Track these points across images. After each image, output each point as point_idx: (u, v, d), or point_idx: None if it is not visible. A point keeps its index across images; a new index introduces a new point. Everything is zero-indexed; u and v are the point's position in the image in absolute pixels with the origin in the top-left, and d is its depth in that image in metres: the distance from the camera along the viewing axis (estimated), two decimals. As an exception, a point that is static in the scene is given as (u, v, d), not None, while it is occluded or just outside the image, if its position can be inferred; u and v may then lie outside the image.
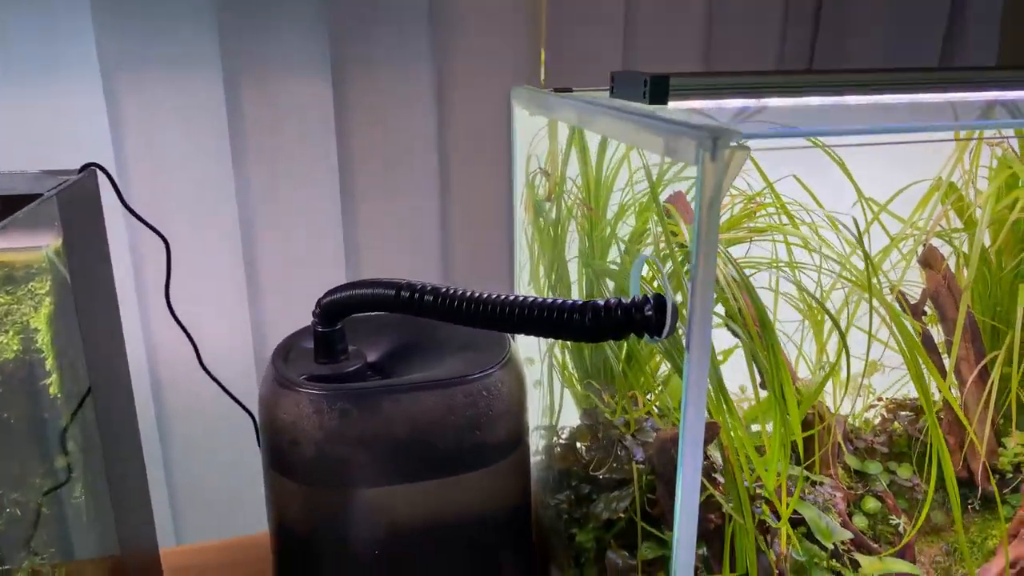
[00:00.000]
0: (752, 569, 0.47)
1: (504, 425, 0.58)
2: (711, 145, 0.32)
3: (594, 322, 0.41)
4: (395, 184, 0.98)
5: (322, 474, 0.54)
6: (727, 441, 0.45)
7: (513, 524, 0.62)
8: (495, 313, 0.45)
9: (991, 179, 0.70)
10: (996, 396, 0.78)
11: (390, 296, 0.52)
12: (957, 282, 0.72)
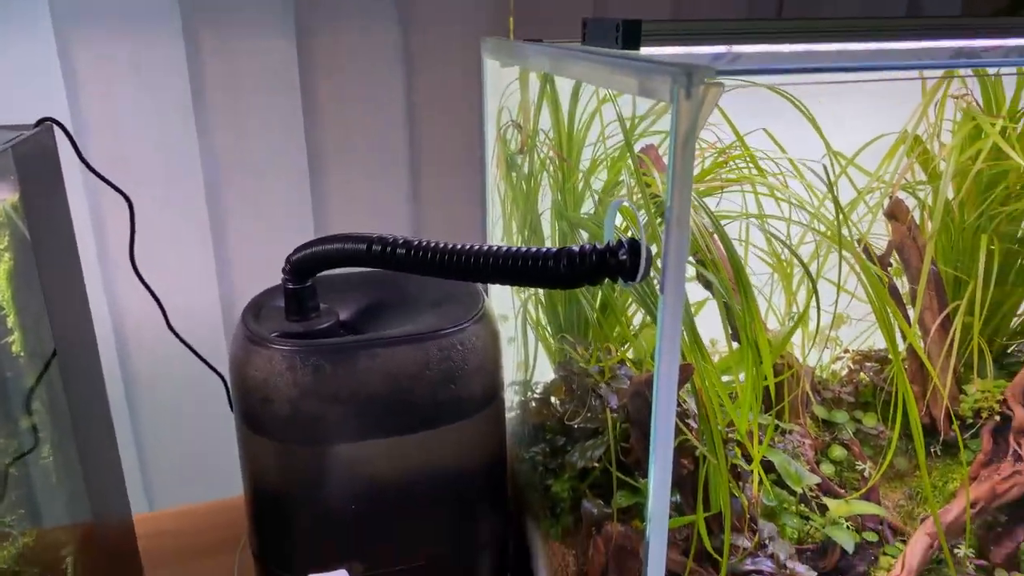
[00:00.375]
0: (725, 510, 0.47)
1: (479, 379, 0.58)
2: (686, 81, 0.32)
3: (569, 268, 0.41)
4: (364, 141, 0.96)
5: (296, 431, 0.54)
6: (700, 384, 0.46)
7: (489, 477, 0.62)
8: (469, 263, 0.45)
9: (955, 132, 0.71)
10: (958, 345, 0.81)
11: (362, 250, 0.51)
12: (922, 234, 0.73)
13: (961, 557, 0.64)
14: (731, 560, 0.53)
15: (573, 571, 0.62)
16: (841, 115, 0.74)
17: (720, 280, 0.46)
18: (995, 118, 0.69)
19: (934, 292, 0.74)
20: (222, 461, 0.82)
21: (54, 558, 0.52)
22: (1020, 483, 0.70)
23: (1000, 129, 0.71)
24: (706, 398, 0.45)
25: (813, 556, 0.60)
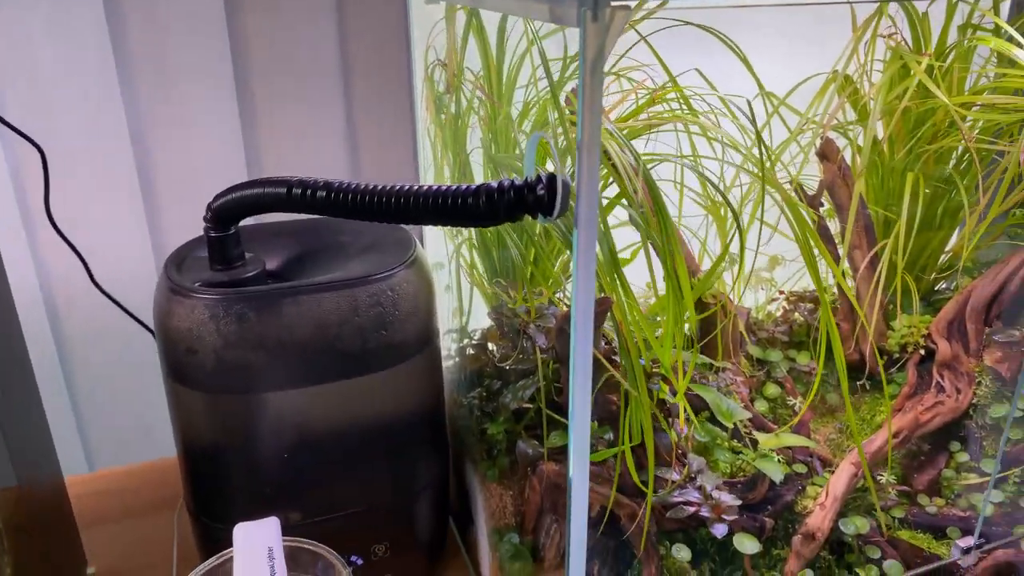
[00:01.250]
0: (649, 443, 0.48)
1: (412, 325, 0.57)
2: (592, 3, 0.31)
3: (488, 205, 0.40)
4: (295, 86, 0.93)
5: (223, 381, 0.53)
6: (620, 316, 0.46)
7: (426, 422, 0.62)
8: (390, 204, 0.44)
9: (884, 70, 0.72)
10: (885, 282, 0.83)
11: (282, 194, 0.50)
12: (852, 173, 0.75)
13: (883, 484, 0.67)
14: (660, 492, 0.54)
15: (510, 511, 0.63)
16: (772, 55, 0.74)
17: (640, 216, 0.46)
18: (921, 56, 0.70)
19: (863, 231, 0.75)
20: (161, 419, 0.81)
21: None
22: (942, 413, 0.72)
23: (927, 67, 0.72)
24: (627, 331, 0.46)
25: (743, 488, 0.62)
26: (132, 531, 0.73)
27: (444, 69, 0.58)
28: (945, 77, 0.72)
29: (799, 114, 0.75)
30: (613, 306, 0.45)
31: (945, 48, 0.73)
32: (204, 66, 0.88)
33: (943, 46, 0.74)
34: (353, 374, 0.55)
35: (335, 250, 0.62)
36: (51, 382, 0.89)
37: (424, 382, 0.61)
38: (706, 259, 0.78)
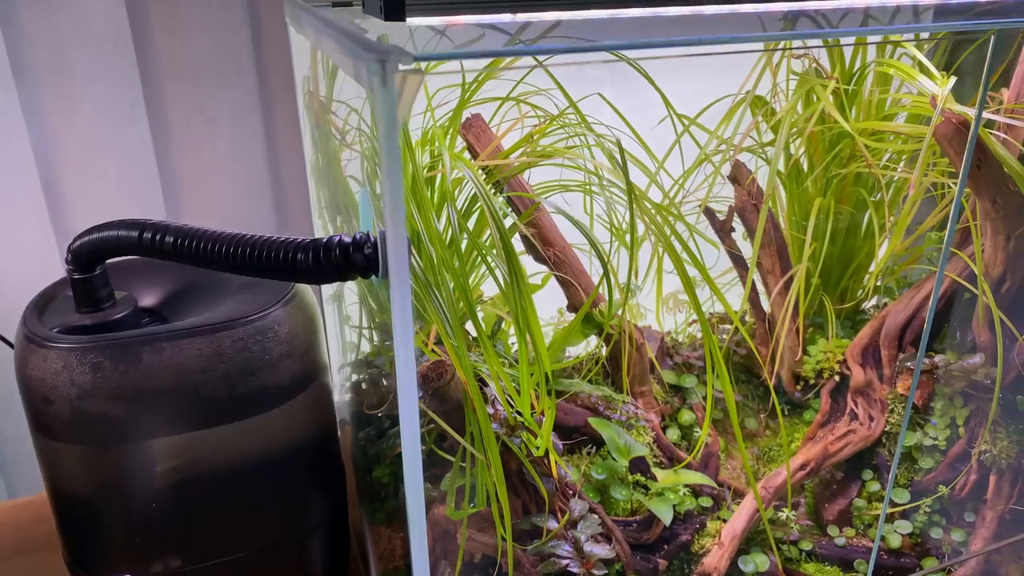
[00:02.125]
0: (504, 497, 0.47)
1: (287, 366, 0.55)
2: (379, 69, 0.29)
3: (315, 263, 0.38)
4: (211, 108, 0.90)
5: (80, 433, 0.51)
6: (463, 377, 0.44)
7: (313, 463, 0.61)
8: (226, 254, 0.42)
9: (793, 93, 0.70)
10: (805, 306, 0.81)
11: (134, 238, 0.48)
12: (763, 197, 0.73)
13: (784, 519, 0.66)
14: (536, 543, 0.52)
15: (400, 554, 0.62)
16: (690, 77, 0.72)
17: (507, 264, 0.44)
18: (828, 80, 0.68)
19: (776, 256, 0.74)
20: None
21: None
22: (852, 442, 0.71)
23: (835, 91, 0.70)
24: (474, 392, 0.44)
25: (638, 527, 0.61)
26: (23, 569, 0.71)
27: (312, 101, 0.56)
28: (853, 100, 0.70)
29: (712, 134, 0.73)
30: (451, 369, 0.43)
31: (852, 71, 0.71)
32: (112, 90, 0.85)
33: (857, 66, 0.72)
34: (221, 421, 0.53)
35: (218, 286, 0.60)
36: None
37: (307, 422, 0.59)
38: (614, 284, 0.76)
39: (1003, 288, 0.66)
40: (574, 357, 0.75)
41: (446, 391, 0.44)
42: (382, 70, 0.29)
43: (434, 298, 0.42)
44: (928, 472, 0.71)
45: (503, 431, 0.47)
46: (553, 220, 0.65)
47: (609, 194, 0.60)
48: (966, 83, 0.78)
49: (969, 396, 0.70)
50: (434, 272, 0.45)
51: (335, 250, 0.38)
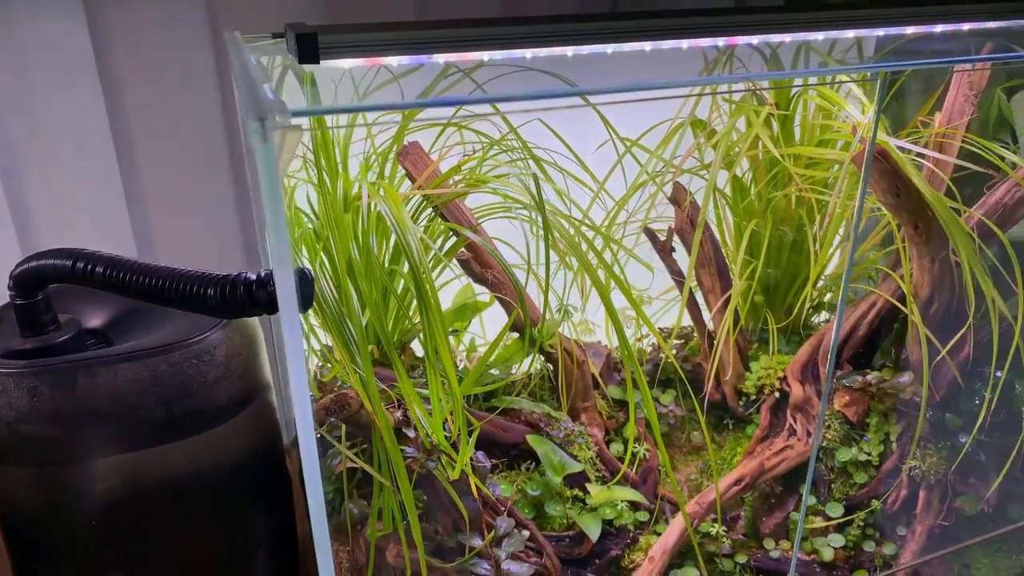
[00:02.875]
0: (412, 515, 0.48)
1: (225, 388, 0.57)
2: (258, 127, 0.31)
3: (221, 299, 0.40)
4: (176, 131, 0.92)
5: (20, 454, 0.53)
6: (369, 405, 0.46)
7: (257, 479, 0.62)
8: (146, 285, 0.44)
9: (729, 118, 0.72)
10: (748, 324, 0.83)
11: (67, 267, 0.50)
12: (707, 225, 0.75)
13: (715, 534, 0.67)
14: (458, 560, 0.54)
15: (345, 567, 0.64)
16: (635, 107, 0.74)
17: (423, 295, 0.46)
18: (762, 107, 0.70)
19: (716, 276, 0.76)
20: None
21: None
22: (789, 457, 0.73)
23: (775, 116, 0.72)
24: (380, 419, 0.46)
25: (570, 543, 0.63)
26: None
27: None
28: (785, 125, 0.72)
29: (653, 154, 0.75)
30: (356, 402, 0.45)
31: (790, 97, 0.73)
32: (76, 115, 0.87)
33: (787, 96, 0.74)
34: (160, 442, 0.55)
35: (163, 308, 0.62)
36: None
37: (248, 441, 0.61)
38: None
39: (931, 309, 0.68)
40: (521, 373, 0.77)
41: (359, 418, 0.46)
42: (261, 128, 0.31)
43: (347, 329, 0.44)
44: (862, 487, 0.72)
45: (421, 455, 0.49)
46: (492, 243, 0.67)
47: (546, 218, 0.62)
48: (909, 110, 0.80)
49: (902, 413, 0.72)
50: (348, 304, 0.47)
51: (240, 287, 0.39)
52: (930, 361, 0.71)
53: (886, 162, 0.58)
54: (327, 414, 0.46)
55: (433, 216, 0.64)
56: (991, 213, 0.67)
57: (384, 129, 0.63)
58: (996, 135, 0.72)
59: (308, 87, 0.46)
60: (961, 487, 0.70)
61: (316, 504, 0.39)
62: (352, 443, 0.55)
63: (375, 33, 0.46)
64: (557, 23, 0.56)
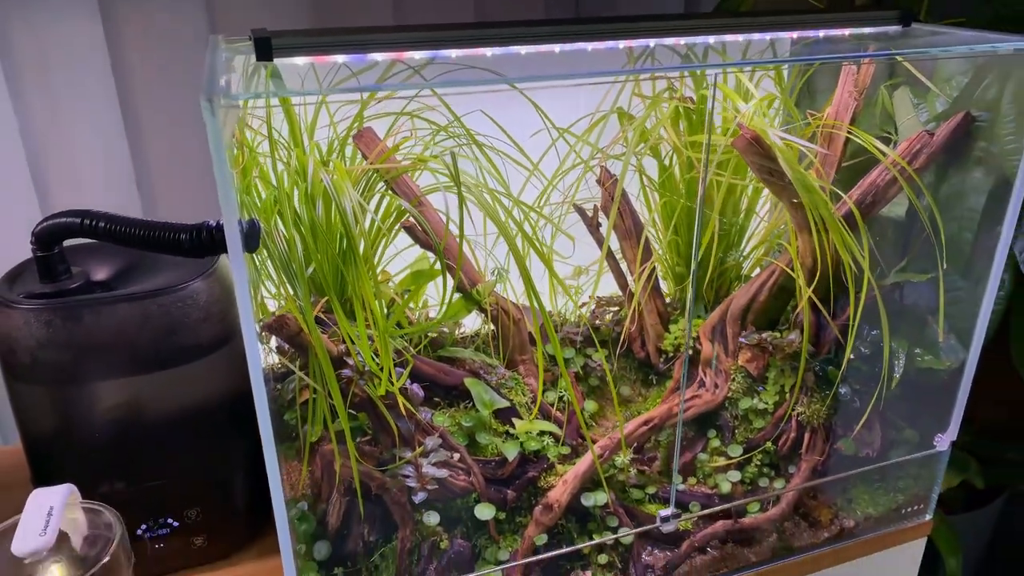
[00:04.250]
0: (345, 426, 0.60)
1: (205, 328, 0.69)
2: (208, 106, 0.43)
3: (192, 242, 0.52)
4: (179, 118, 1.05)
5: (38, 375, 0.66)
6: (306, 328, 0.58)
7: (230, 410, 0.74)
8: (135, 235, 0.56)
9: (646, 109, 0.83)
10: (673, 292, 0.94)
11: (76, 224, 0.62)
12: (626, 199, 0.86)
13: (622, 464, 0.78)
14: (391, 467, 0.66)
15: (308, 483, 0.76)
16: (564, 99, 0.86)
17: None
18: (672, 99, 0.81)
19: (636, 248, 0.87)
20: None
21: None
22: (696, 405, 0.84)
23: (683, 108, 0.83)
24: (315, 339, 0.57)
25: (496, 466, 0.74)
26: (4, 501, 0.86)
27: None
28: (701, 118, 0.83)
29: (580, 139, 0.86)
30: (294, 323, 0.57)
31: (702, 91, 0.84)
32: (92, 102, 1.00)
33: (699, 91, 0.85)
34: (150, 370, 0.68)
35: (156, 264, 0.74)
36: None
37: (225, 372, 0.73)
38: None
39: (815, 277, 0.79)
40: (471, 331, 0.89)
41: (300, 340, 0.58)
42: (210, 106, 0.43)
43: (287, 267, 0.56)
44: (760, 431, 0.83)
45: (355, 375, 0.61)
46: (438, 216, 0.78)
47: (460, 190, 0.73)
48: (819, 102, 0.90)
49: (795, 368, 0.83)
50: (291, 248, 0.59)
51: (204, 231, 0.51)
52: (818, 322, 0.82)
53: (759, 146, 0.69)
54: (270, 332, 0.57)
55: (385, 189, 0.76)
56: (867, 192, 0.78)
57: (345, 117, 0.75)
58: (883, 127, 0.83)
59: (268, 79, 0.58)
60: (840, 431, 0.81)
61: (261, 402, 0.51)
62: (305, 372, 0.67)
63: (325, 37, 0.58)
64: (513, 27, 0.68)
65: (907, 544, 0.86)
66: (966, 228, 0.75)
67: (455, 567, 0.71)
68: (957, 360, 0.78)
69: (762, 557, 0.80)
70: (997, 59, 0.71)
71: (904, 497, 0.85)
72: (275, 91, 0.54)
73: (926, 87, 0.77)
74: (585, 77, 0.75)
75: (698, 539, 0.78)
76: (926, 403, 0.83)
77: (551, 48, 0.71)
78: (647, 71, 0.84)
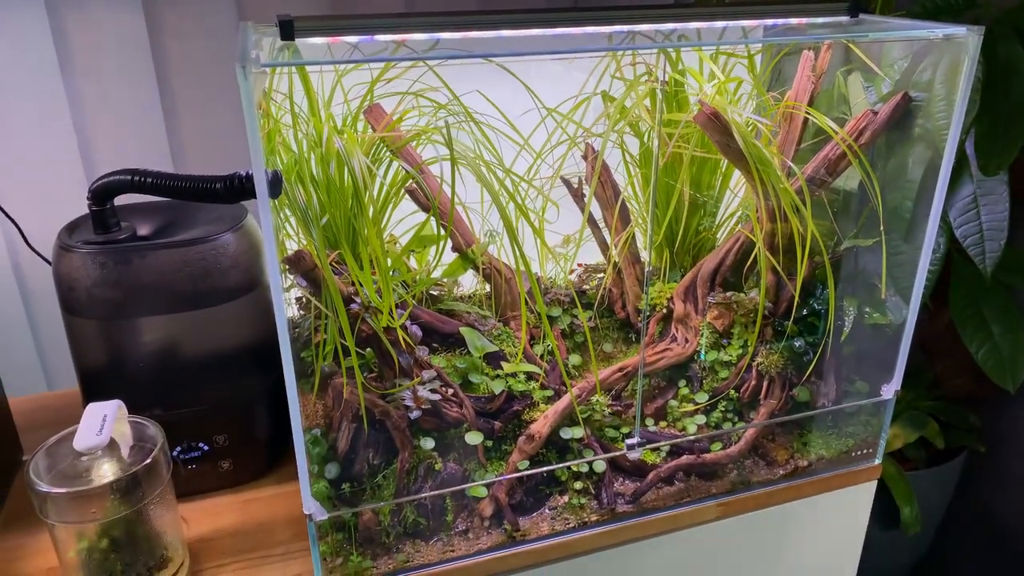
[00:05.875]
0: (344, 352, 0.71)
1: (233, 275, 0.80)
2: (241, 71, 0.54)
3: (226, 189, 0.63)
4: (210, 101, 1.17)
5: (93, 310, 0.77)
6: (319, 264, 0.68)
7: (256, 347, 0.85)
8: (177, 187, 0.67)
9: (624, 92, 0.93)
10: (652, 257, 1.04)
11: (127, 180, 0.73)
12: (607, 170, 0.96)
13: (596, 403, 0.88)
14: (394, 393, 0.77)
15: (321, 413, 0.86)
16: (556, 74, 0.96)
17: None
18: (647, 83, 0.91)
19: (619, 217, 0.97)
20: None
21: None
22: (667, 357, 0.94)
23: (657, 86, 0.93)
24: (328, 277, 0.68)
25: (485, 401, 0.84)
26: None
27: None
28: (676, 97, 0.92)
29: (566, 116, 0.96)
30: (309, 258, 0.67)
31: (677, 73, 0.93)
32: (134, 84, 1.12)
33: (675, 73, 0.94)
34: (188, 308, 0.79)
35: (193, 221, 0.85)
36: (18, 327, 1.15)
37: (251, 315, 0.84)
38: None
39: (774, 240, 0.88)
40: (470, 290, 0.99)
41: (315, 276, 0.68)
42: (243, 71, 0.54)
43: (305, 216, 0.67)
44: (724, 380, 0.93)
45: (361, 309, 0.71)
46: (437, 182, 0.89)
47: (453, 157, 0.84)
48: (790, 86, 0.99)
49: (756, 323, 0.92)
50: (314, 200, 0.70)
51: (236, 180, 0.62)
52: (777, 282, 0.91)
53: (717, 121, 0.79)
54: (288, 265, 0.68)
55: (391, 158, 0.86)
56: (820, 165, 0.87)
57: (356, 97, 0.86)
58: (840, 109, 0.92)
59: (290, 53, 0.68)
60: (796, 380, 0.90)
61: (282, 327, 0.62)
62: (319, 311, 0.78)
63: (340, 20, 0.68)
64: (509, 14, 0.78)
65: (860, 485, 0.95)
66: (907, 197, 0.84)
67: (447, 486, 0.81)
68: (900, 316, 0.87)
69: (722, 490, 0.90)
70: (931, 45, 0.80)
71: (854, 442, 0.94)
72: (295, 61, 0.65)
73: (874, 72, 0.86)
74: (560, 55, 0.85)
75: (664, 471, 0.88)
76: (875, 357, 0.92)
77: (543, 32, 0.81)
78: (605, 49, 0.93)
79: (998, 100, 0.86)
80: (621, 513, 0.86)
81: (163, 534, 0.74)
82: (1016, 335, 1.00)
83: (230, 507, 0.87)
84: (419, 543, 0.80)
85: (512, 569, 0.82)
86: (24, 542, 0.82)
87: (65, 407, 1.05)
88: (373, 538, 0.79)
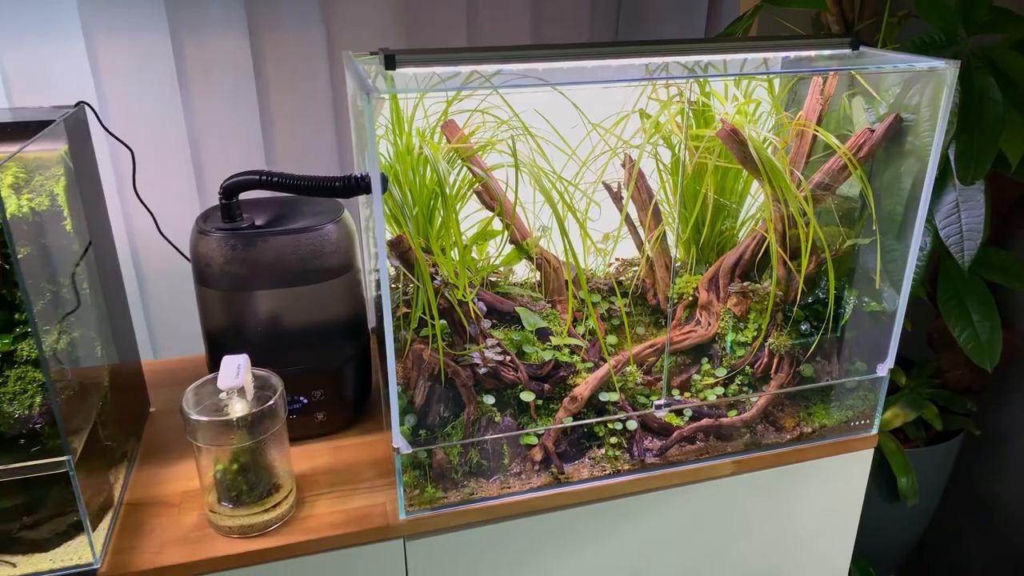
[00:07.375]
0: (432, 320, 0.88)
1: (333, 258, 0.98)
2: (365, 97, 0.71)
3: (343, 186, 0.81)
4: (300, 114, 1.36)
5: (224, 283, 0.95)
6: (414, 248, 0.85)
7: (349, 316, 1.03)
8: (298, 184, 0.85)
9: (658, 111, 1.09)
10: (682, 253, 1.20)
11: (255, 178, 0.92)
12: (643, 177, 1.12)
13: (629, 373, 1.04)
14: (465, 355, 0.94)
15: (400, 375, 1.04)
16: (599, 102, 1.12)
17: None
18: (678, 103, 1.07)
19: (653, 217, 1.13)
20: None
21: (98, 384, 0.94)
22: (692, 337, 1.10)
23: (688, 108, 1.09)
24: (419, 258, 0.85)
25: (536, 367, 1.01)
26: (179, 392, 1.17)
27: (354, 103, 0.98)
28: (703, 116, 1.08)
29: (609, 131, 1.12)
30: (406, 241, 0.85)
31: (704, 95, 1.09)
32: (238, 100, 1.31)
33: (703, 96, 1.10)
34: (297, 283, 0.97)
35: (300, 214, 1.03)
36: (133, 298, 1.34)
37: (346, 293, 1.02)
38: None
39: (786, 239, 1.03)
40: (524, 278, 1.16)
41: (409, 257, 0.86)
42: (367, 97, 0.72)
43: (403, 211, 0.85)
44: (741, 358, 1.08)
45: (441, 285, 0.89)
46: (500, 186, 1.06)
47: (517, 165, 1.01)
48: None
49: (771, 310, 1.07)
50: (408, 198, 0.87)
51: (352, 180, 0.80)
52: (788, 275, 1.06)
53: (736, 136, 0.95)
54: (390, 248, 0.85)
55: (463, 164, 1.04)
56: (825, 175, 1.02)
57: (435, 113, 1.03)
58: (844, 127, 1.07)
59: (389, 82, 0.86)
60: (801, 357, 1.05)
61: (386, 309, 0.79)
62: (407, 288, 0.95)
63: (425, 54, 0.86)
64: (559, 48, 0.95)
65: (858, 452, 1.09)
66: (899, 203, 0.99)
67: (505, 433, 0.98)
68: (893, 304, 1.02)
69: (737, 449, 1.05)
70: (918, 75, 0.95)
71: (853, 413, 1.08)
72: (414, 88, 0.83)
73: (873, 96, 1.01)
74: (603, 83, 1.02)
75: (686, 430, 1.03)
76: (872, 340, 1.07)
77: (588, 64, 0.98)
78: (642, 80, 1.09)
79: (972, 122, 1.01)
80: (649, 464, 1.02)
81: (278, 465, 0.91)
82: (992, 322, 1.14)
83: (323, 452, 1.05)
84: (481, 480, 0.97)
85: (557, 506, 0.98)
86: (158, 473, 1.00)
87: (175, 371, 1.25)
88: (444, 475, 0.96)
